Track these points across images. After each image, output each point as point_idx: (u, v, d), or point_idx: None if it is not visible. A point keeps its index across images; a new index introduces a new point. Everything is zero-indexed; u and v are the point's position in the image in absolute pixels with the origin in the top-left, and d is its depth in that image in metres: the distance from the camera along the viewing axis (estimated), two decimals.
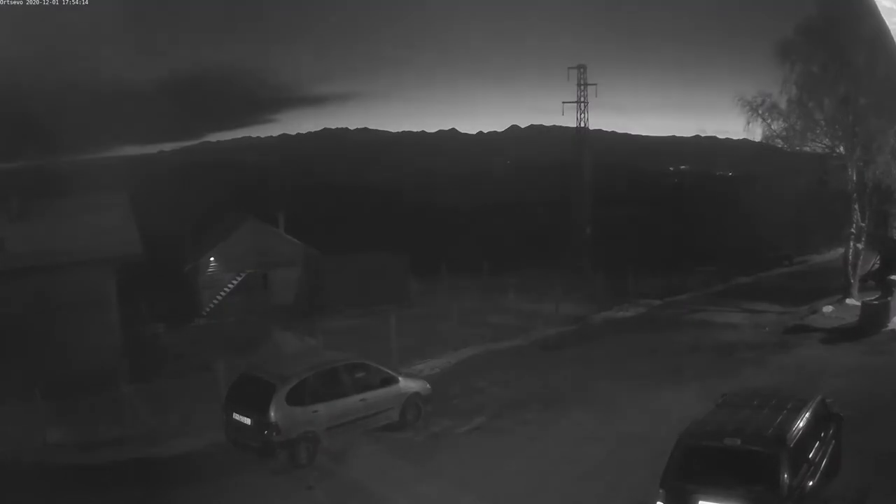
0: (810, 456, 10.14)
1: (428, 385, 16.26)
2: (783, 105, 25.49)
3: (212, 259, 30.33)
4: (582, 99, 48.94)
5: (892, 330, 21.91)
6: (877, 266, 28.62)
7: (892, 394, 15.99)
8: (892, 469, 11.97)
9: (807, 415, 10.52)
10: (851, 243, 26.09)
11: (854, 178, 25.25)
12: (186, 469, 13.85)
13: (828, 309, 24.97)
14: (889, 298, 22.97)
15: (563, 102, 48.99)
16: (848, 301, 25.52)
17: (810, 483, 9.87)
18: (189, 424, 15.83)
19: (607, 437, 14.21)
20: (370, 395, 14.78)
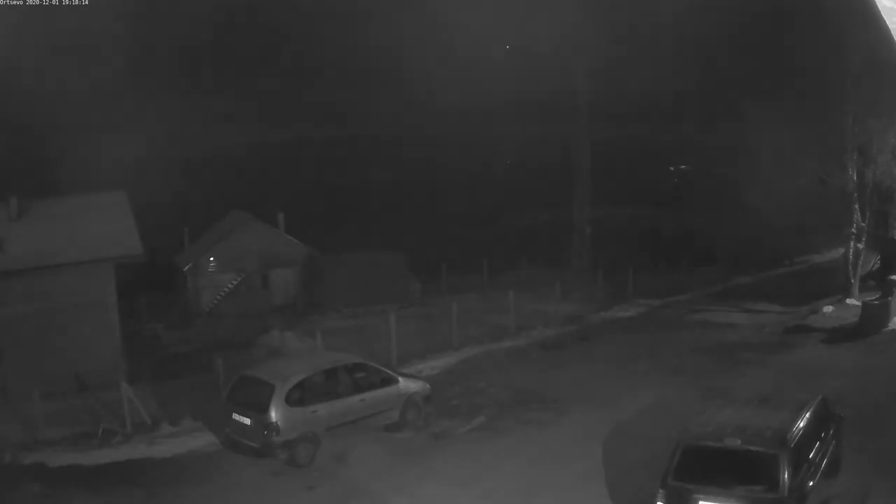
0: (810, 456, 10.15)
1: (428, 385, 16.25)
2: None
3: (212, 259, 30.31)
4: None
5: (893, 330, 21.88)
6: (877, 266, 28.58)
7: (892, 394, 15.99)
8: (892, 469, 11.97)
9: (807, 415, 10.52)
10: (851, 243, 26.05)
11: (854, 178, 25.25)
12: (186, 469, 13.88)
13: (828, 309, 24.93)
14: (889, 298, 22.92)
15: None
16: (848, 301, 25.47)
17: (810, 483, 9.87)
18: (189, 424, 15.84)
19: (607, 437, 14.21)
20: (370, 396, 14.78)
